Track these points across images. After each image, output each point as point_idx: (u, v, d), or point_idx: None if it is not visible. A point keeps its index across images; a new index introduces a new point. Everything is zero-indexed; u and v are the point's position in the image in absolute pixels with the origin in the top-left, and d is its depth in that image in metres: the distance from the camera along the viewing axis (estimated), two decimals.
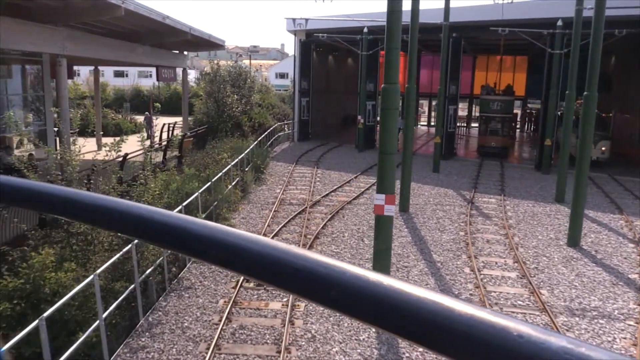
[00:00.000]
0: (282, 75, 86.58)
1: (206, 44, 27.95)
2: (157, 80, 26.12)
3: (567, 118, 19.79)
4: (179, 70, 29.68)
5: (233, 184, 18.31)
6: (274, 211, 17.27)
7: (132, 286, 9.36)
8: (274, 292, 11.08)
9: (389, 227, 10.13)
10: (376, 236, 10.21)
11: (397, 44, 9.64)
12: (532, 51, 39.85)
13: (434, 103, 53.98)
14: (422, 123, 49.49)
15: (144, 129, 31.37)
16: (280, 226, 15.42)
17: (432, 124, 48.37)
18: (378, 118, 43.17)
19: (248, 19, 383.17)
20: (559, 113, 25.76)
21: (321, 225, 15.59)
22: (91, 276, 7.88)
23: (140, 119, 44.91)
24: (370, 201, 19.06)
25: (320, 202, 18.64)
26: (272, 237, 14.27)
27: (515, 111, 37.34)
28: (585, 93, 14.88)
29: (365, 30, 29.37)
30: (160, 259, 10.81)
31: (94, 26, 19.07)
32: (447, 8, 24.25)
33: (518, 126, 45.82)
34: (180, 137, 26.86)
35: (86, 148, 13.50)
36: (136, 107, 60.03)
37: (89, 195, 0.86)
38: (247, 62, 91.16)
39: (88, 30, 19.26)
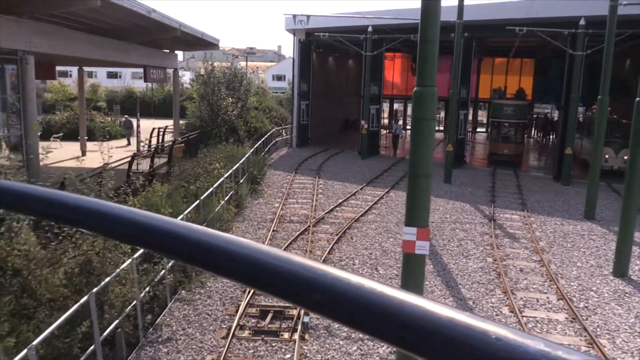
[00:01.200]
0: (280, 78, 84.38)
1: (199, 42, 25.74)
2: (145, 81, 23.90)
3: (600, 125, 17.66)
4: (170, 71, 27.44)
5: (226, 198, 16.08)
6: (273, 231, 15.04)
7: (92, 348, 7.13)
8: (272, 343, 8.87)
9: (420, 269, 7.95)
10: (405, 279, 8.02)
11: (435, 36, 7.51)
12: (541, 53, 37.86)
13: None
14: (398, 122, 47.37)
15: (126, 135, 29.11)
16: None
17: (436, 128, 46.29)
18: (384, 122, 41.26)
19: (245, 21, 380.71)
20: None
21: (327, 250, 13.35)
22: (24, 351, 5.64)
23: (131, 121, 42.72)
24: (380, 218, 16.88)
25: (324, 220, 16.43)
26: None
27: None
28: (637, 99, 12.73)
29: (370, 29, 27.20)
30: (133, 303, 8.57)
31: (70, 20, 16.85)
32: (461, 5, 22.09)
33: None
34: (169, 144, 24.68)
35: (68, 154, 11.54)
36: (129, 110, 57.81)
37: (90, 200, 0.83)
38: (243, 63, 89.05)
39: (65, 25, 17.05)
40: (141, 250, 8.96)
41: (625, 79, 31.74)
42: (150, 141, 28.23)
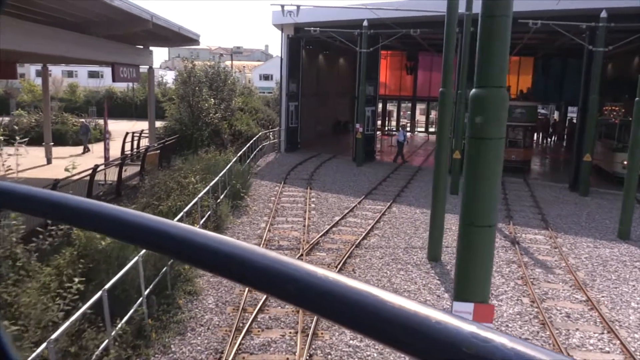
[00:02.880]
0: (267, 77, 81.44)
1: (177, 38, 22.83)
2: (113, 80, 20.96)
3: (638, 130, 15.10)
4: (144, 69, 24.53)
5: (202, 221, 13.26)
6: None
7: None
8: None
9: None
10: None
11: (508, 8, 4.81)
12: (543, 50, 35.44)
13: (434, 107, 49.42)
14: (419, 129, 44.74)
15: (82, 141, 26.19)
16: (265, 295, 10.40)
17: (431, 130, 43.75)
18: (378, 125, 38.48)
19: (232, 20, 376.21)
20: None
21: None
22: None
23: (114, 124, 39.71)
24: (385, 242, 14.17)
25: (319, 245, 13.67)
26: (252, 324, 9.34)
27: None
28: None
29: (366, 23, 24.47)
30: None
31: (26, 11, 13.98)
32: None
33: None
34: (143, 150, 21.82)
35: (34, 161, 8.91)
36: (108, 111, 54.43)
37: (95, 203, 0.85)
38: (229, 62, 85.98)
39: (21, 17, 14.19)
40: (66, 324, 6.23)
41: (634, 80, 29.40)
42: (123, 147, 25.34)
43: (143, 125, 29.61)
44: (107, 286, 7.11)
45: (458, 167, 20.07)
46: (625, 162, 22.75)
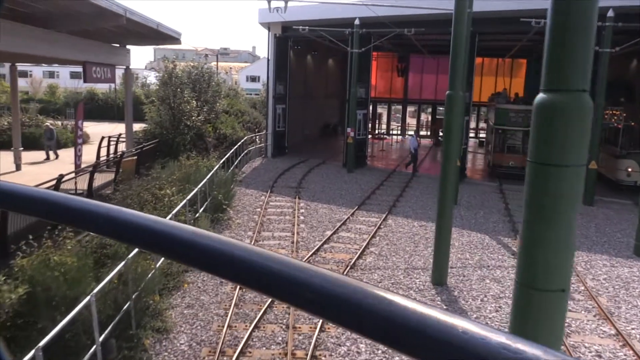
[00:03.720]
0: (254, 79, 79.72)
1: (156, 35, 21.15)
2: (85, 81, 19.25)
3: None
4: (120, 70, 22.84)
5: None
6: (240, 288, 10.69)
7: None
8: None
9: None
10: None
11: None
12: (537, 52, 34.23)
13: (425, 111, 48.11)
14: (410, 132, 43.37)
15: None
16: (248, 331, 8.81)
17: (422, 133, 42.43)
18: (371, 128, 36.71)
19: (219, 21, 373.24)
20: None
21: (317, 330, 8.99)
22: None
23: (95, 127, 37.99)
24: (383, 261, 12.68)
25: None
26: None
27: None
28: None
29: (357, 22, 23.01)
30: None
31: None
32: None
33: None
34: (118, 156, 20.20)
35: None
36: (89, 113, 52.39)
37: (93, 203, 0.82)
38: (215, 64, 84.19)
39: None
40: None
41: (625, 82, 28.29)
42: (98, 153, 23.58)
43: (124, 127, 27.85)
44: (41, 343, 5.51)
45: (456, 176, 18.68)
46: (630, 170, 21.60)
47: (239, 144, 25.62)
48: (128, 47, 22.54)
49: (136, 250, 9.17)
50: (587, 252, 14.00)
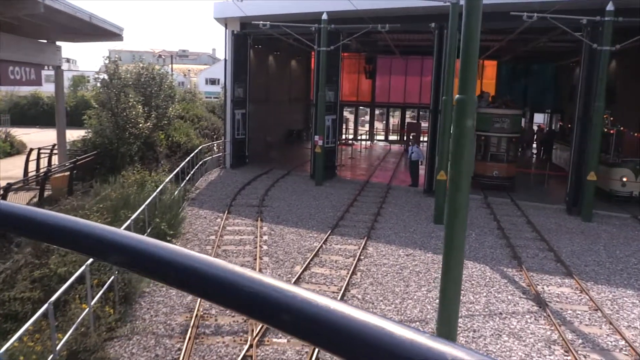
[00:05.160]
0: (213, 81, 76.03)
1: (90, 29, 17.88)
2: (1, 84, 15.79)
3: None
4: (48, 71, 19.39)
5: (97, 297, 8.55)
6: None
7: None
8: None
9: None
10: None
11: None
12: (509, 53, 32.26)
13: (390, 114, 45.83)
14: (379, 137, 40.95)
15: None
16: None
17: (392, 138, 40.06)
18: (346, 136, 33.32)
19: (179, 23, 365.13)
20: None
21: None
22: None
23: (38, 133, 34.12)
24: (370, 310, 9.82)
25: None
26: None
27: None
28: None
29: (325, 16, 20.24)
30: None
31: None
32: None
33: None
34: (43, 173, 16.90)
35: None
36: (33, 119, 48.04)
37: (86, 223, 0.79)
38: (174, 66, 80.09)
39: None
40: None
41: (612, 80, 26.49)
42: (26, 168, 20.05)
43: (74, 133, 24.24)
44: None
45: (443, 191, 16.12)
46: (625, 179, 19.54)
47: (193, 153, 22.48)
48: (59, 43, 19.09)
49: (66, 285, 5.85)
50: (608, 286, 11.59)
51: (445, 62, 17.58)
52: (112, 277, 9.16)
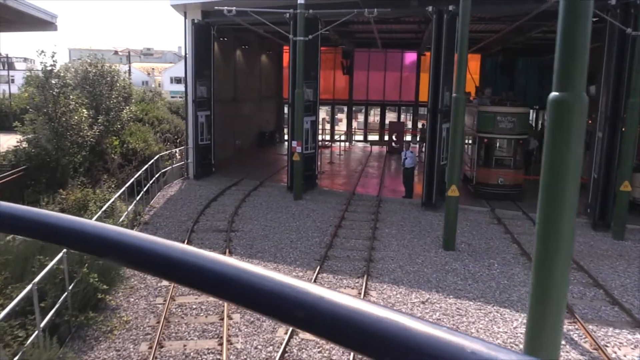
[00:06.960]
0: (179, 80, 71.40)
1: (13, 15, 14.03)
2: None
3: None
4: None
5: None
6: None
7: None
8: None
9: None
10: None
11: None
12: (500, 44, 29.43)
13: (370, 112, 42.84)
14: (357, 138, 37.72)
15: None
16: None
17: (370, 138, 36.91)
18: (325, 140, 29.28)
19: (144, 22, 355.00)
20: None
21: None
22: None
23: None
24: None
25: None
26: None
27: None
28: None
29: (301, 1, 16.81)
30: None
31: None
32: None
33: None
34: None
35: None
36: None
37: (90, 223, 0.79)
38: (137, 65, 75.33)
39: None
40: None
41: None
42: None
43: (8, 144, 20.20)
44: None
45: (454, 209, 12.95)
46: None
47: (150, 162, 18.80)
48: None
49: None
50: None
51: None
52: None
